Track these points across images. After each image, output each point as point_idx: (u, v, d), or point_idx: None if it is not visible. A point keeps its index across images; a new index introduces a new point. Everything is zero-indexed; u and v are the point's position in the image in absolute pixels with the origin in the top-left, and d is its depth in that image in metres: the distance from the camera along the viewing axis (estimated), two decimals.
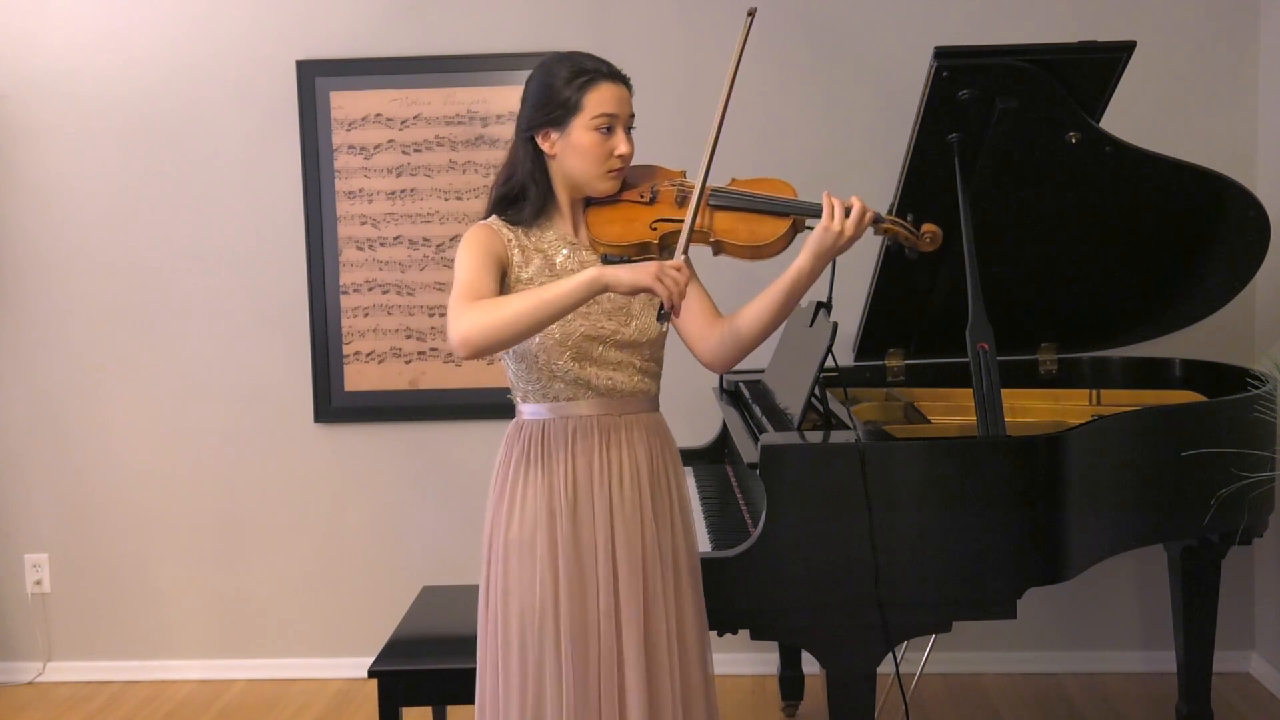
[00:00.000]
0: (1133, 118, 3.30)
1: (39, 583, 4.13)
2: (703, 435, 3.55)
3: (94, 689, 4.06)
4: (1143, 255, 3.21)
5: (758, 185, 2.32)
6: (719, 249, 2.29)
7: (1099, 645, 3.93)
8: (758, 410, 2.95)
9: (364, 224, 3.97)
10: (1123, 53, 2.80)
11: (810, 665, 3.45)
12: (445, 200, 3.96)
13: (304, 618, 4.10)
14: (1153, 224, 3.14)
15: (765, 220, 2.28)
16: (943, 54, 2.71)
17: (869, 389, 3.38)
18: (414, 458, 4.05)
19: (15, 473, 4.12)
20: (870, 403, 3.23)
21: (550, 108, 2.21)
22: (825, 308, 2.74)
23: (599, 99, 2.20)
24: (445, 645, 2.80)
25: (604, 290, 2.08)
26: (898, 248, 2.40)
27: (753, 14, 2.26)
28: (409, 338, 4.00)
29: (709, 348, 2.30)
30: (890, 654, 2.46)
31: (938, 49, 2.72)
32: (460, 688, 2.60)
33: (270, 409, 4.05)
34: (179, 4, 3.97)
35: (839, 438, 2.53)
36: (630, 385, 2.27)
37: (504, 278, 2.22)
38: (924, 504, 2.45)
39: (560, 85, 2.20)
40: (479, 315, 2.07)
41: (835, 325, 2.62)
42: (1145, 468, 2.73)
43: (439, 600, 3.15)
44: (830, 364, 2.65)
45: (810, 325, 2.90)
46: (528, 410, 2.28)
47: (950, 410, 3.26)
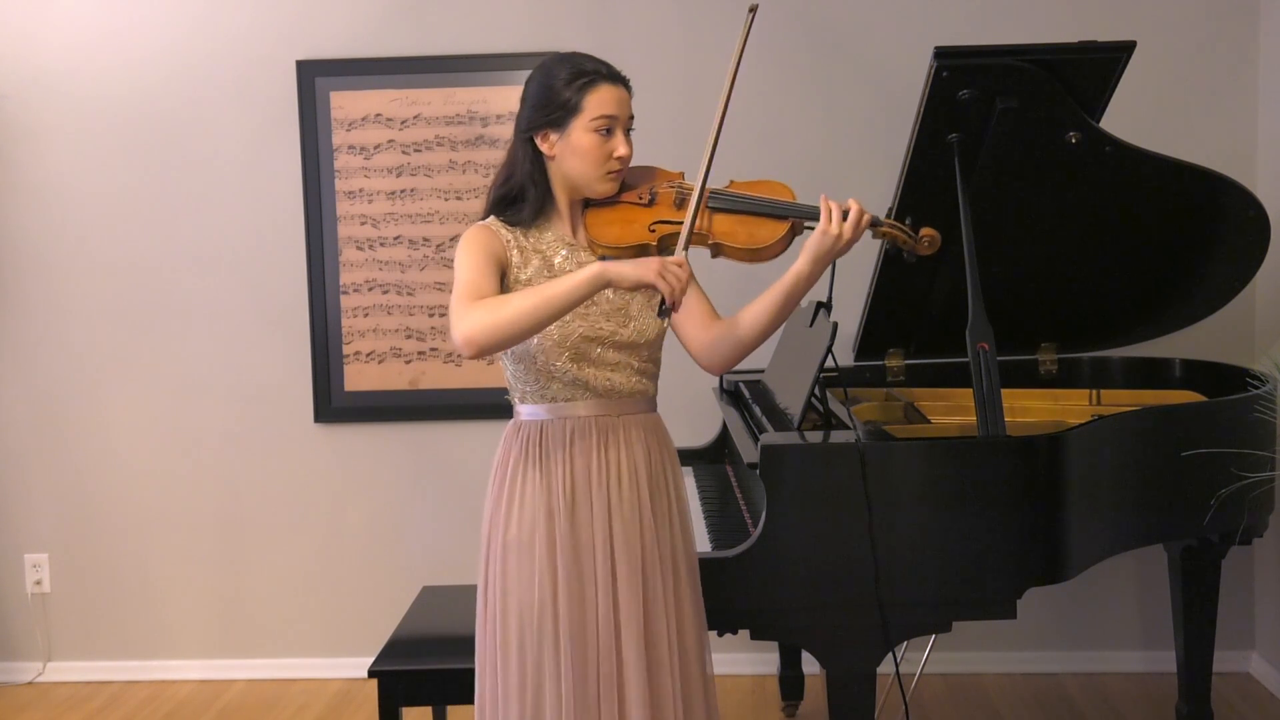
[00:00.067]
0: (1133, 118, 3.30)
1: (39, 583, 4.13)
2: (703, 435, 3.55)
3: (94, 689, 4.06)
4: (1143, 255, 3.21)
5: (756, 188, 2.32)
6: (717, 251, 2.29)
7: (1099, 645, 3.93)
8: (758, 410, 2.95)
9: (364, 224, 3.97)
10: (1123, 53, 2.80)
11: (810, 665, 3.45)
12: (445, 200, 3.96)
13: (304, 618, 4.10)
14: (1153, 224, 3.14)
15: (764, 223, 2.28)
16: (943, 54, 2.71)
17: (869, 389, 3.38)
18: (414, 458, 4.05)
19: (15, 473, 4.12)
20: (870, 403, 3.23)
21: (550, 109, 2.20)
22: (825, 308, 2.74)
23: (599, 100, 2.19)
24: (445, 645, 2.80)
25: (607, 285, 2.08)
26: (896, 251, 2.40)
27: (754, 10, 2.25)
28: (409, 338, 4.00)
29: (707, 350, 2.29)
30: (890, 654, 2.46)
31: (938, 49, 2.72)
32: (460, 688, 2.60)
33: (270, 409, 4.06)
34: (179, 4, 3.97)
35: (839, 438, 2.53)
36: (628, 386, 2.27)
37: (502, 278, 2.22)
38: (924, 504, 2.45)
39: (560, 86, 2.20)
40: (482, 314, 2.06)
41: (835, 325, 2.62)
42: (1145, 468, 2.73)
43: (439, 600, 3.15)
44: (830, 364, 2.65)
45: (810, 325, 2.90)
46: (526, 411, 2.28)
47: (950, 410, 3.26)
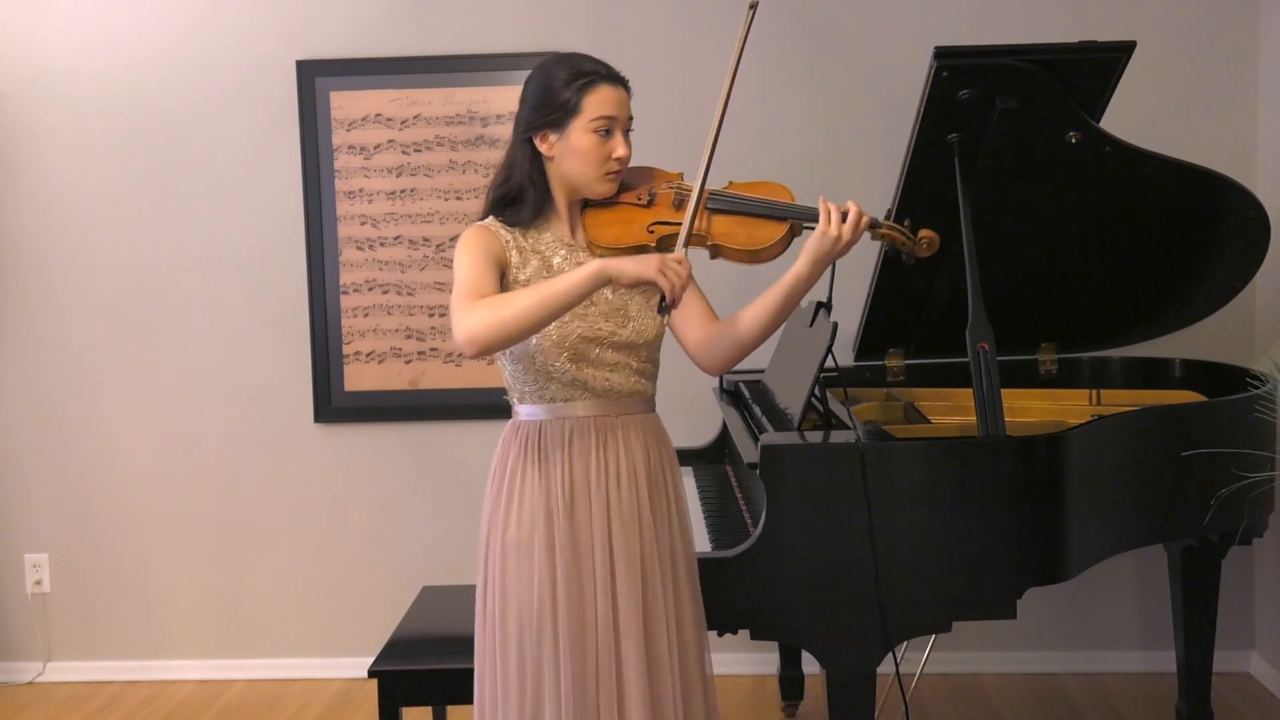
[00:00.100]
0: (1133, 118, 3.30)
1: (39, 583, 4.13)
2: (703, 435, 3.55)
3: (94, 689, 4.06)
4: (1143, 255, 3.21)
5: (755, 189, 2.32)
6: (716, 253, 2.29)
7: (1099, 645, 3.93)
8: (758, 410, 2.95)
9: (364, 224, 3.97)
10: (1123, 53, 2.80)
11: (810, 665, 3.45)
12: (445, 200, 3.96)
13: (304, 618, 4.10)
14: (1153, 224, 3.14)
15: (763, 224, 2.28)
16: (943, 54, 2.71)
17: (869, 389, 3.38)
18: (414, 458, 4.05)
19: (15, 473, 4.12)
20: (870, 403, 3.23)
21: (549, 109, 2.20)
22: (825, 308, 2.73)
23: (598, 101, 2.19)
24: (445, 645, 2.80)
25: (608, 282, 2.09)
26: (894, 253, 2.40)
27: (754, 8, 2.26)
28: (409, 338, 4.00)
29: (705, 350, 2.29)
30: (890, 654, 2.46)
31: (938, 49, 2.72)
32: (460, 688, 2.59)
33: (270, 409, 4.06)
34: (179, 4, 3.97)
35: (839, 438, 2.53)
36: (627, 386, 2.27)
37: (501, 279, 2.22)
38: (924, 504, 2.45)
39: (559, 87, 2.20)
40: (484, 312, 2.06)
41: (835, 325, 2.62)
42: (1145, 468, 2.73)
43: (439, 600, 3.15)
44: (830, 364, 2.65)
45: (810, 325, 2.90)
46: (524, 411, 2.28)
47: (950, 410, 3.26)
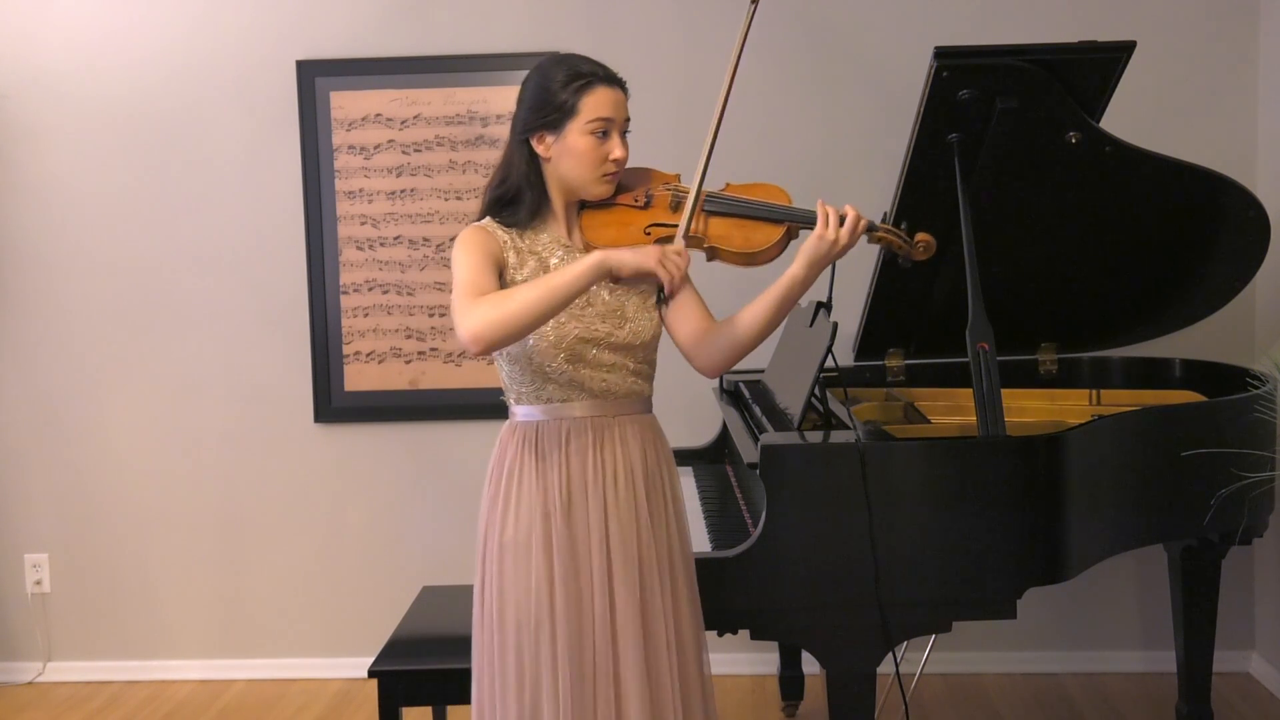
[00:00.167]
0: (1133, 118, 3.29)
1: (39, 583, 4.13)
2: (703, 435, 3.54)
3: (94, 689, 4.06)
4: (1143, 255, 3.21)
5: (752, 191, 2.32)
6: (713, 255, 2.29)
7: (1099, 645, 3.93)
8: (758, 410, 2.95)
9: (364, 224, 3.97)
10: (1123, 53, 2.80)
11: (810, 665, 3.45)
12: (445, 200, 3.96)
13: (304, 618, 4.10)
14: (1153, 224, 3.14)
15: (760, 227, 2.28)
16: (943, 54, 2.71)
17: (869, 389, 3.38)
18: (414, 458, 4.05)
19: (15, 473, 4.12)
20: (870, 403, 3.23)
21: (546, 111, 2.20)
22: (825, 308, 2.73)
23: (595, 103, 2.19)
24: (445, 645, 2.80)
25: (609, 273, 2.11)
26: (891, 256, 2.40)
27: (756, 3, 2.26)
28: (409, 338, 4.00)
29: (702, 352, 2.29)
30: (890, 654, 2.46)
31: (938, 49, 2.71)
32: (460, 688, 2.59)
33: (270, 409, 4.05)
34: (179, 4, 3.97)
35: (839, 438, 2.53)
36: (624, 387, 2.27)
37: (499, 279, 2.22)
38: (924, 504, 2.45)
39: (556, 89, 2.20)
40: (487, 310, 2.07)
41: (835, 325, 2.62)
42: (1145, 468, 2.73)
43: (439, 600, 3.15)
44: (830, 364, 2.65)
45: (810, 325, 2.90)
46: (521, 412, 2.28)
47: (950, 410, 3.26)
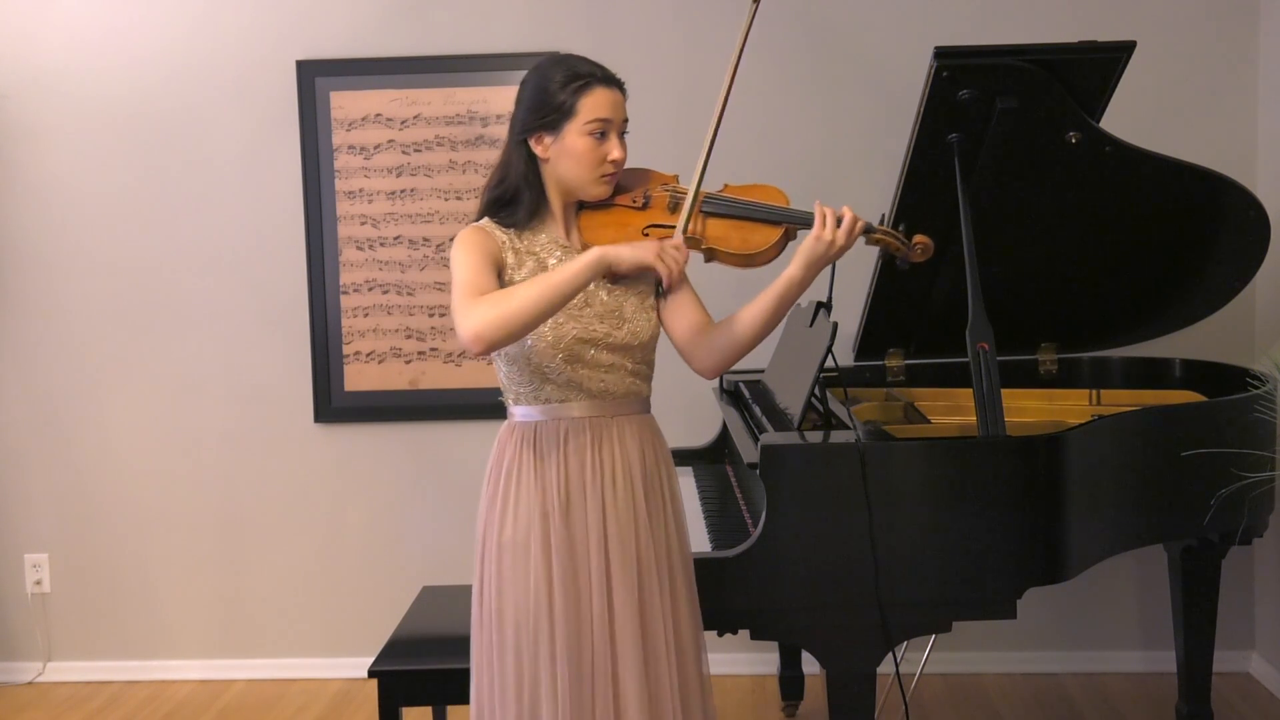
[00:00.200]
0: (1133, 118, 3.29)
1: (39, 583, 4.13)
2: (703, 435, 3.54)
3: (94, 689, 4.06)
4: (1143, 255, 3.21)
5: (750, 192, 2.32)
6: (711, 256, 2.29)
7: (1099, 645, 3.93)
8: (758, 410, 2.94)
9: (364, 224, 3.97)
10: (1123, 53, 2.80)
11: (810, 665, 3.45)
12: (445, 200, 3.96)
13: (304, 618, 4.10)
14: (1153, 224, 3.14)
15: (757, 228, 2.28)
16: (943, 54, 2.71)
17: (869, 389, 3.38)
18: (414, 458, 4.05)
19: (15, 473, 4.12)
20: (870, 403, 3.23)
21: (544, 112, 2.21)
22: (825, 307, 2.73)
23: (593, 104, 2.19)
24: (445, 645, 2.80)
25: (608, 269, 2.12)
26: (889, 258, 2.40)
27: (758, 2, 2.27)
28: (409, 338, 3.99)
29: (699, 353, 2.29)
30: (890, 654, 2.46)
31: (938, 49, 2.72)
32: (460, 688, 2.58)
33: (270, 409, 4.05)
34: (179, 4, 3.97)
35: (839, 438, 2.53)
36: (622, 388, 2.27)
37: (497, 279, 2.22)
38: (924, 504, 2.45)
39: (555, 89, 2.20)
40: (488, 309, 2.07)
41: (835, 325, 2.62)
42: (1145, 468, 2.73)
43: (439, 600, 3.15)
44: (830, 364, 2.65)
45: (810, 325, 2.90)
46: (520, 412, 2.28)
47: (950, 410, 3.26)
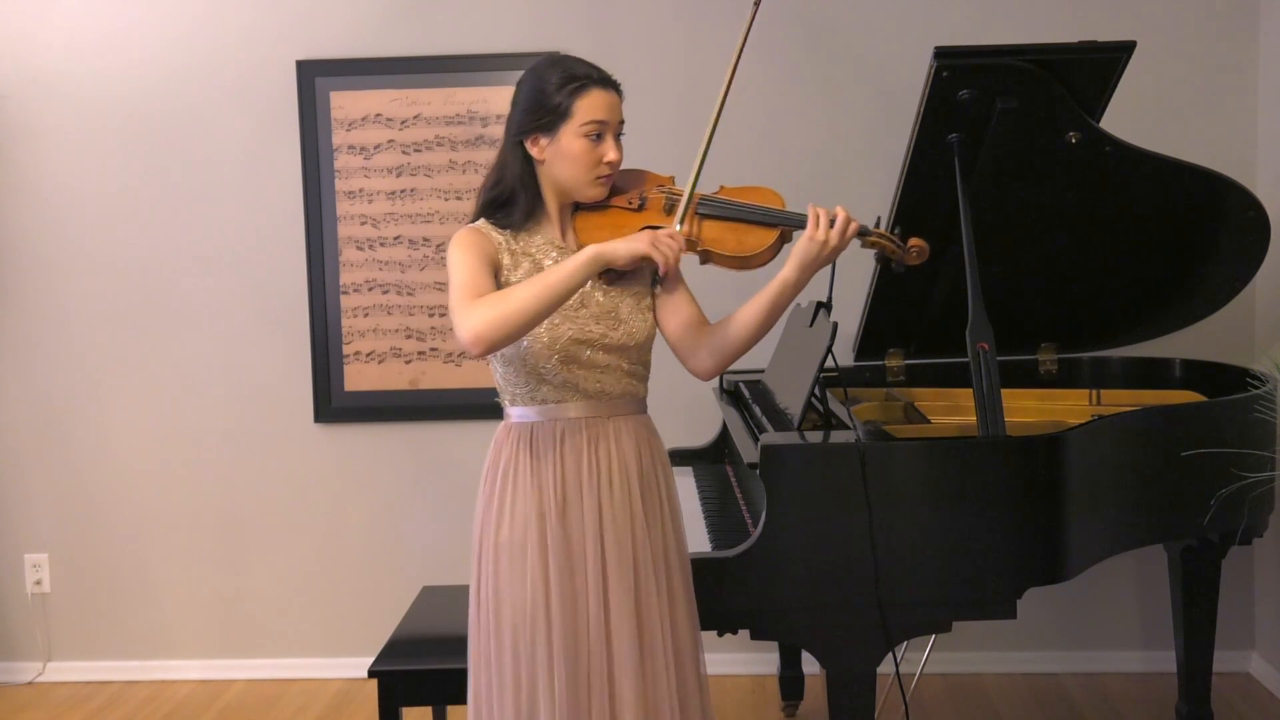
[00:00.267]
0: (1133, 118, 3.29)
1: (39, 583, 4.13)
2: (703, 435, 3.55)
3: (94, 689, 4.06)
4: (1143, 255, 3.21)
5: (746, 194, 2.32)
6: (706, 258, 2.30)
7: (1099, 645, 3.93)
8: (758, 410, 2.94)
9: (364, 224, 3.97)
10: (1123, 53, 2.80)
11: (810, 665, 3.45)
12: (445, 200, 3.96)
13: (304, 618, 4.10)
14: (1153, 224, 3.14)
15: (753, 230, 2.28)
16: (943, 54, 2.71)
17: (869, 389, 3.38)
18: (414, 458, 4.05)
19: (15, 473, 4.12)
20: (870, 403, 3.23)
21: (540, 113, 2.21)
22: (825, 307, 2.74)
23: (589, 106, 2.19)
24: (445, 645, 2.79)
25: (605, 266, 2.12)
26: (884, 261, 2.40)
27: (758, 3, 2.27)
28: (409, 338, 4.00)
29: (695, 355, 2.29)
30: (890, 654, 2.46)
31: (938, 49, 2.72)
32: (460, 688, 2.57)
33: (270, 409, 4.05)
34: (179, 4, 3.97)
35: (839, 438, 2.53)
36: (619, 388, 2.27)
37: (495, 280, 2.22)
38: (924, 504, 2.45)
39: (551, 91, 2.20)
40: (487, 310, 2.07)
41: (835, 325, 2.62)
42: (1145, 468, 2.73)
43: (439, 600, 3.14)
44: (830, 364, 2.65)
45: (810, 325, 2.90)
46: (516, 413, 2.28)
47: (950, 410, 3.26)
